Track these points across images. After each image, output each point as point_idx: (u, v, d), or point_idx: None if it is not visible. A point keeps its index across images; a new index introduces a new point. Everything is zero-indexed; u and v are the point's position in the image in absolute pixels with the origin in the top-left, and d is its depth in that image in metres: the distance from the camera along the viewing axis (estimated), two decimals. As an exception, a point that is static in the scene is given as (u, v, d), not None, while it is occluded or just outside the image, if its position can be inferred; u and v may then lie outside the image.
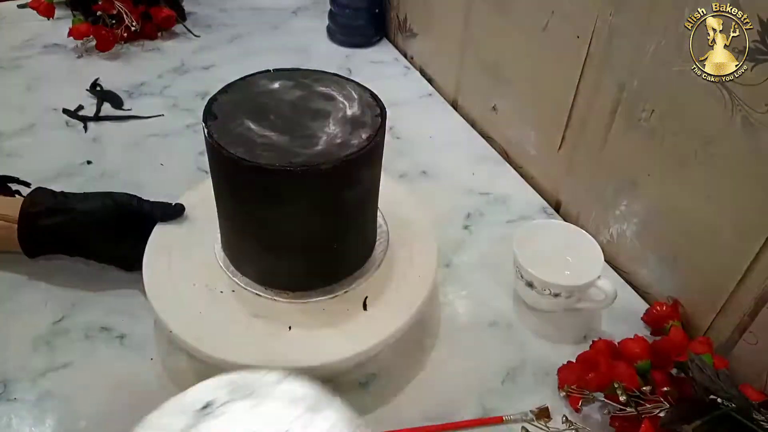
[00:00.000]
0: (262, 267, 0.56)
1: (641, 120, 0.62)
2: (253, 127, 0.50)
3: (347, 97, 0.54)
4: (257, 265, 0.56)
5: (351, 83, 0.56)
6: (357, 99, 0.54)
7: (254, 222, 0.52)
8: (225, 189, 0.53)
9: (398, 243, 0.62)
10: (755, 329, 0.56)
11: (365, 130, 0.51)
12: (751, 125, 0.51)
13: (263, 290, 0.56)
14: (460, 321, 0.64)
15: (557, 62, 0.73)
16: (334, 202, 0.51)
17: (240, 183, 0.50)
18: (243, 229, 0.54)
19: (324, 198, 0.50)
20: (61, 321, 0.61)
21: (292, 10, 1.27)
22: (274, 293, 0.56)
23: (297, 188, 0.48)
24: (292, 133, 0.50)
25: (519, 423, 0.53)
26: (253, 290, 0.56)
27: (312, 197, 0.49)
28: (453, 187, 0.82)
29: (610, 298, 0.60)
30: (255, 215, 0.52)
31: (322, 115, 0.52)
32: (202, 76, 1.03)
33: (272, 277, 0.56)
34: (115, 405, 0.54)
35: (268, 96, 0.53)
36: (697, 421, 0.45)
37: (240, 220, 0.54)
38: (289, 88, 0.54)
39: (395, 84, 1.04)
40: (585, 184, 0.74)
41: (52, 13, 1.08)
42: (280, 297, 0.55)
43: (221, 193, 0.54)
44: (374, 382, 0.58)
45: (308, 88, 0.55)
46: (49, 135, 0.86)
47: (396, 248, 0.61)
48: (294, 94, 0.54)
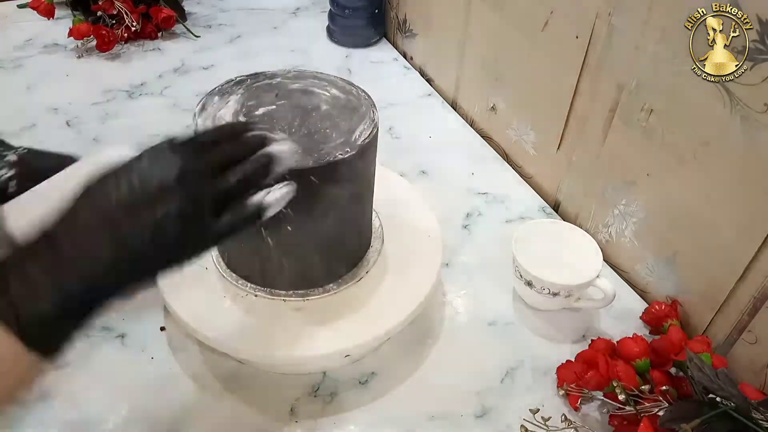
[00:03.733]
0: (256, 266, 0.55)
1: (640, 120, 0.63)
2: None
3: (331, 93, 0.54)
4: (252, 264, 0.55)
5: (329, 79, 0.56)
6: (342, 92, 0.54)
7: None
8: None
9: (398, 240, 0.62)
10: (754, 328, 0.56)
11: (357, 129, 0.50)
12: (750, 125, 0.51)
13: (257, 288, 0.56)
14: (460, 320, 0.64)
15: (556, 62, 0.73)
16: (325, 202, 0.50)
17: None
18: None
19: (315, 198, 0.49)
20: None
21: (292, 10, 1.27)
22: (268, 292, 0.55)
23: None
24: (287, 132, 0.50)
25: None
26: (248, 289, 0.56)
27: (304, 198, 0.48)
28: (452, 187, 0.82)
29: (609, 297, 0.60)
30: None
31: (308, 111, 0.52)
32: (202, 76, 1.03)
33: (267, 275, 0.55)
34: (115, 405, 0.54)
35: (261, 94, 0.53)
36: (696, 420, 0.46)
37: None
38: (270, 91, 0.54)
39: (395, 84, 1.04)
40: (584, 183, 0.74)
41: (52, 13, 1.08)
42: (273, 295, 0.55)
43: None
44: (374, 381, 0.58)
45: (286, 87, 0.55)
46: (49, 135, 0.86)
47: (396, 245, 0.61)
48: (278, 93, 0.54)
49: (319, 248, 0.54)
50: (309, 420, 0.54)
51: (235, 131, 0.42)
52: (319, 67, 1.10)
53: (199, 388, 0.56)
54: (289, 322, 0.54)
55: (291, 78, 0.56)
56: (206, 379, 0.57)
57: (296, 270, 0.54)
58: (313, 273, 0.56)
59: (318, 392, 0.57)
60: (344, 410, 0.55)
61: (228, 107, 0.51)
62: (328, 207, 0.51)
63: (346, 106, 0.53)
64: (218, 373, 0.57)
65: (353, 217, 0.56)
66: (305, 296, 0.55)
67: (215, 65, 1.06)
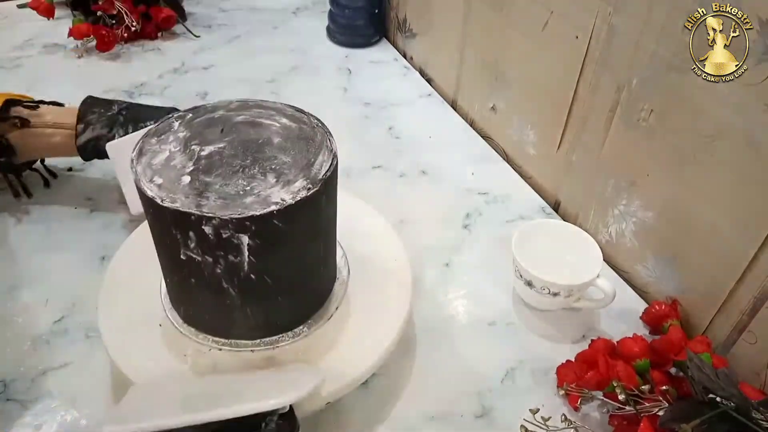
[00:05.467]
0: (217, 318, 0.51)
1: (640, 120, 0.63)
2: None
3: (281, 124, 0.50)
4: (213, 316, 0.51)
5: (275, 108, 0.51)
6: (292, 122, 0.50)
7: (191, 266, 0.46)
8: (159, 237, 0.47)
9: (367, 285, 0.57)
10: (754, 328, 0.56)
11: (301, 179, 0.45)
12: (750, 125, 0.51)
13: (220, 342, 0.51)
14: (460, 320, 0.64)
15: (556, 62, 0.73)
16: (290, 243, 0.46)
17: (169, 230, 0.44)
18: (178, 272, 0.48)
19: (279, 242, 0.45)
20: (61, 321, 0.61)
21: (292, 10, 1.27)
22: (232, 344, 0.51)
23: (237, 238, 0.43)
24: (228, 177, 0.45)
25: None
26: (209, 343, 0.51)
27: (267, 244, 0.45)
28: (452, 186, 0.82)
29: (609, 297, 0.60)
30: (193, 261, 0.45)
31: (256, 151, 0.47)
32: (202, 76, 1.03)
33: (231, 326, 0.51)
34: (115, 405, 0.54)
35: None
36: (696, 420, 0.45)
37: (177, 263, 0.47)
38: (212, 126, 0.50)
39: (395, 84, 1.04)
40: (584, 183, 0.74)
41: (52, 13, 1.08)
42: (240, 347, 0.51)
43: (158, 242, 0.48)
44: (374, 381, 0.58)
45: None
46: (49, 135, 0.86)
47: (363, 291, 0.57)
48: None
49: (285, 291, 0.49)
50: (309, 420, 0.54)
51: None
52: (319, 66, 1.11)
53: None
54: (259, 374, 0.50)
55: (235, 110, 0.51)
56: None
57: (262, 317, 0.50)
58: (281, 317, 0.51)
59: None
60: (344, 411, 0.55)
61: (170, 151, 0.46)
62: (293, 248, 0.47)
63: (299, 136, 0.48)
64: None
65: (320, 254, 0.51)
66: (275, 344, 0.51)
67: (215, 65, 1.06)
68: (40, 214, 0.73)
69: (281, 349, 0.52)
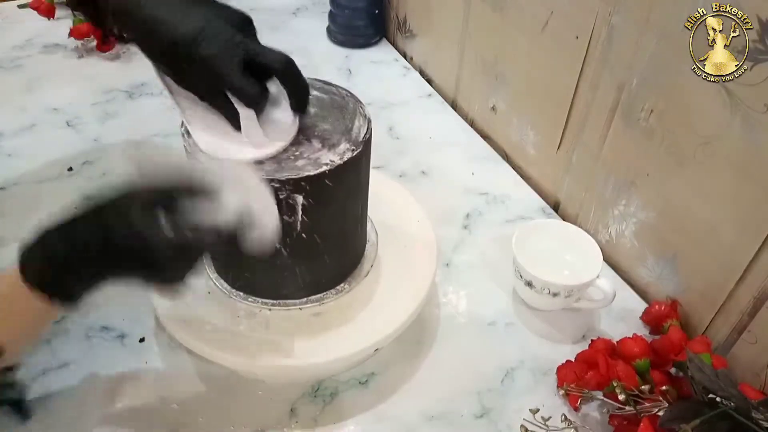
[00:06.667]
0: (267, 280, 0.54)
1: (640, 120, 0.62)
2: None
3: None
4: (262, 278, 0.54)
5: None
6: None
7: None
8: None
9: (394, 246, 0.61)
10: (754, 328, 0.56)
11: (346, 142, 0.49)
12: (750, 125, 0.51)
13: (270, 302, 0.55)
14: (460, 320, 0.64)
15: (556, 62, 0.73)
16: (336, 203, 0.50)
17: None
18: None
19: (328, 201, 0.49)
20: (61, 321, 0.61)
21: (292, 11, 1.27)
22: (281, 304, 0.55)
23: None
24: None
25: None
26: (259, 304, 0.55)
27: (318, 203, 0.48)
28: (452, 187, 0.82)
29: (609, 297, 0.60)
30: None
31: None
32: (202, 76, 1.03)
33: (279, 286, 0.55)
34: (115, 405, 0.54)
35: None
36: (696, 421, 0.45)
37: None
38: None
39: (395, 84, 1.04)
40: (584, 183, 0.74)
41: (53, 13, 1.08)
42: (288, 306, 0.55)
43: None
44: (374, 381, 0.58)
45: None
46: (49, 135, 0.86)
47: (391, 251, 0.61)
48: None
49: (331, 250, 0.53)
50: (309, 420, 0.54)
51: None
52: (319, 66, 1.11)
53: (199, 388, 0.56)
54: (311, 330, 0.53)
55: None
56: (206, 379, 0.57)
57: (309, 276, 0.54)
58: (326, 276, 0.55)
59: (318, 392, 0.57)
60: (344, 410, 0.55)
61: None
62: (338, 207, 0.51)
63: (332, 105, 0.53)
64: (218, 372, 0.57)
65: (358, 213, 0.56)
66: (321, 300, 0.55)
67: (215, 65, 1.06)
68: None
69: (326, 305, 0.55)
